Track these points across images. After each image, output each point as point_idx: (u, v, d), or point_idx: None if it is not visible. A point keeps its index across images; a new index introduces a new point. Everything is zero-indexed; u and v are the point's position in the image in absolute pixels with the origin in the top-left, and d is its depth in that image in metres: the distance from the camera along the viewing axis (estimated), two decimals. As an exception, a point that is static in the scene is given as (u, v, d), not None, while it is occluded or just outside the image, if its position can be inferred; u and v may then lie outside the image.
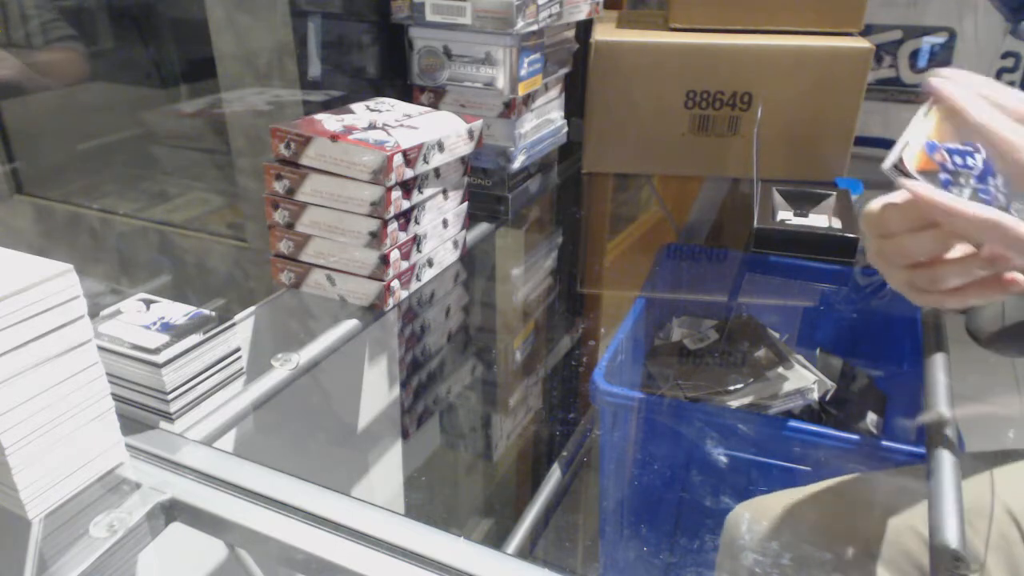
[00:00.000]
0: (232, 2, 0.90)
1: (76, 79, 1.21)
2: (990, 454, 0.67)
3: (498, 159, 0.96)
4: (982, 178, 0.46)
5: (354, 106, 0.81)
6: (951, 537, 0.49)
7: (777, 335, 1.13)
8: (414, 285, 0.80)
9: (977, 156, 0.46)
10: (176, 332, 0.56)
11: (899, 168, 0.48)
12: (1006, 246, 0.45)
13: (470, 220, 0.89)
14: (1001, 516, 0.62)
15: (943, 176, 0.46)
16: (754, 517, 0.72)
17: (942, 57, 1.38)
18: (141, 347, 0.55)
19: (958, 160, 0.46)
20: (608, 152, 1.15)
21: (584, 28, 1.11)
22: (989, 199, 0.45)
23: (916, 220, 0.49)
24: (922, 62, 1.40)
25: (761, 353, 1.06)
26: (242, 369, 0.62)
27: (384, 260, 0.72)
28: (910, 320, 0.95)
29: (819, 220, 1.04)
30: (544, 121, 1.05)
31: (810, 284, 1.04)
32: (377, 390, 0.89)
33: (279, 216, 0.74)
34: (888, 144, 0.58)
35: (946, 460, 0.58)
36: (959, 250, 0.51)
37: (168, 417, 0.56)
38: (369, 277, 0.74)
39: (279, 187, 0.73)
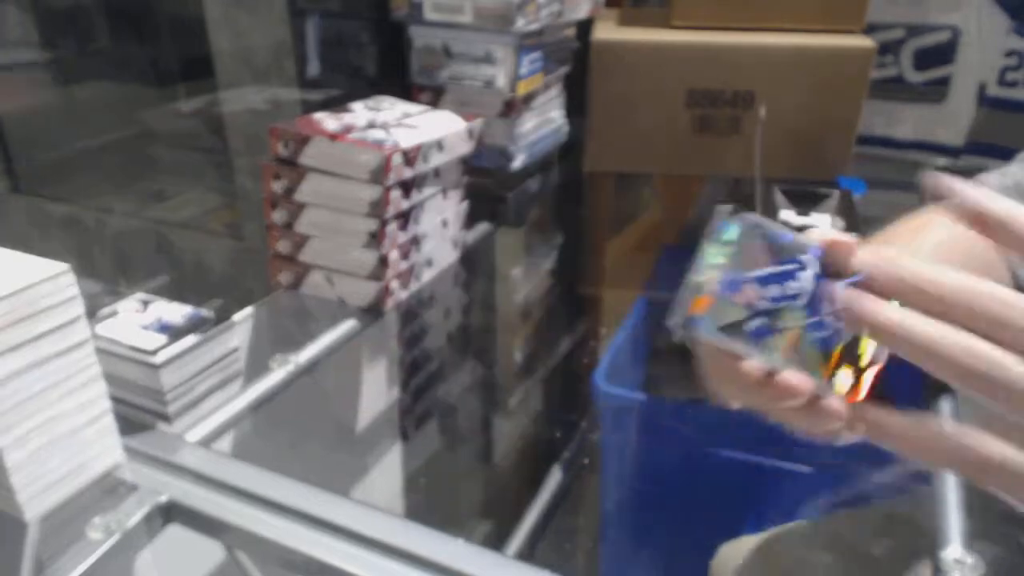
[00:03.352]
0: (230, 1, 0.90)
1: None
2: None
3: (498, 158, 0.95)
4: (813, 307, 0.31)
5: (353, 105, 0.80)
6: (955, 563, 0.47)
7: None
8: (413, 285, 0.79)
9: (802, 275, 0.32)
10: (174, 332, 0.56)
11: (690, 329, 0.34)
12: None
13: (470, 220, 0.89)
14: (1008, 534, 0.60)
15: (755, 325, 0.32)
16: (741, 559, 0.70)
17: (945, 55, 1.37)
18: (138, 348, 0.54)
19: (775, 291, 0.32)
20: (609, 151, 1.14)
21: (585, 26, 1.10)
22: (826, 335, 0.32)
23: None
24: (925, 60, 1.39)
25: (762, 353, 1.05)
26: (240, 370, 0.61)
27: (383, 260, 0.72)
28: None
29: (821, 220, 1.03)
30: (544, 120, 1.04)
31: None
32: (376, 391, 0.89)
33: (277, 216, 0.74)
34: (890, 144, 0.55)
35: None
36: None
37: (166, 418, 0.55)
38: (368, 278, 0.73)
39: (277, 187, 0.72)
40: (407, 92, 0.95)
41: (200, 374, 0.57)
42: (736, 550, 0.72)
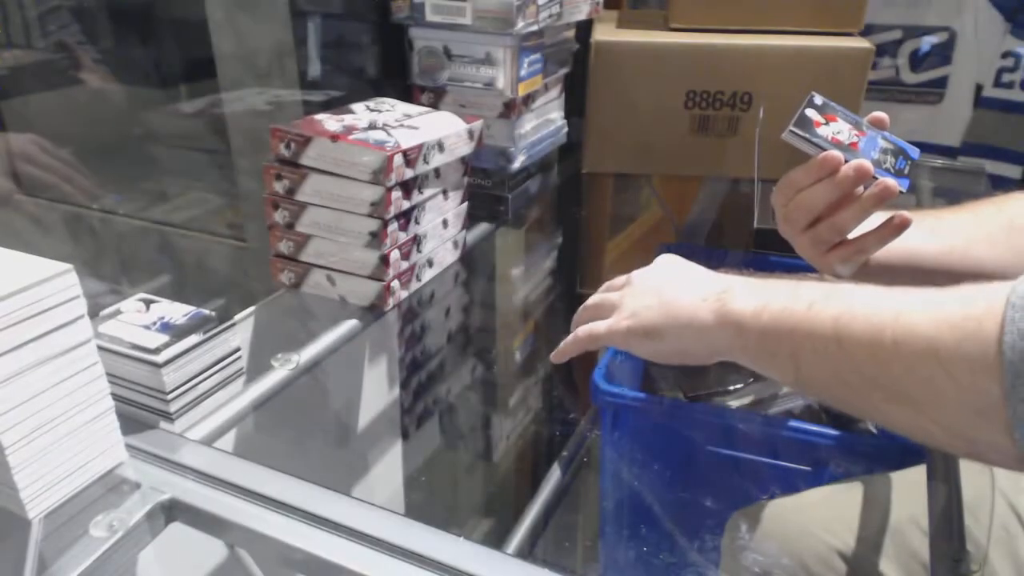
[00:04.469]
0: (232, 2, 0.90)
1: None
2: None
3: (498, 159, 0.95)
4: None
5: (354, 106, 0.81)
6: (951, 532, 0.49)
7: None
8: (414, 285, 0.80)
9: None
10: (176, 332, 0.56)
11: (797, 132, 0.61)
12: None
13: (470, 220, 0.89)
14: (1002, 509, 0.62)
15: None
16: (754, 522, 0.72)
17: (942, 57, 1.38)
18: (141, 347, 0.55)
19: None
20: (608, 152, 1.15)
21: (584, 28, 1.11)
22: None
23: (815, 174, 0.59)
24: (922, 62, 1.40)
25: (761, 353, 1.05)
26: (242, 369, 0.62)
27: (384, 260, 0.72)
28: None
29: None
30: (544, 121, 1.05)
31: (810, 284, 1.04)
32: (377, 390, 0.89)
33: (279, 216, 0.74)
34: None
35: (945, 456, 0.58)
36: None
37: (168, 417, 0.56)
38: (369, 277, 0.74)
39: (279, 187, 0.73)
40: (408, 93, 0.96)
41: (202, 373, 0.58)
42: (750, 514, 0.73)
